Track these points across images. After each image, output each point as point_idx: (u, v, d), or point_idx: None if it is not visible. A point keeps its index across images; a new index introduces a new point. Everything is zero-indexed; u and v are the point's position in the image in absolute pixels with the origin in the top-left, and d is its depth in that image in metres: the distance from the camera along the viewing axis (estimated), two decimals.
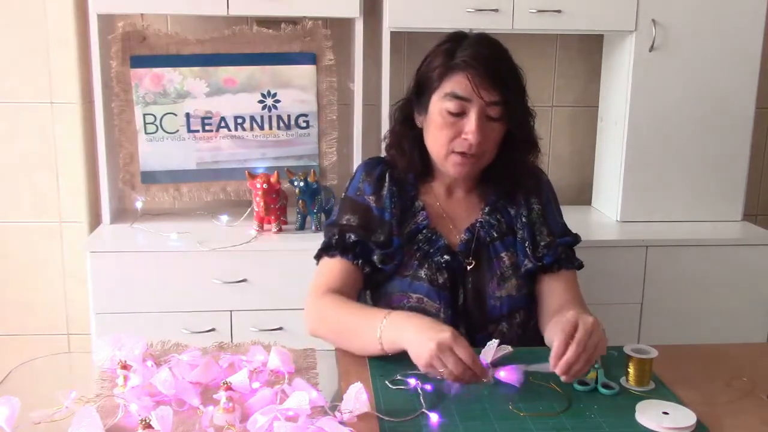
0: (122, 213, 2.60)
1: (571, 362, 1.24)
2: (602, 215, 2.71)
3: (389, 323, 1.35)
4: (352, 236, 1.55)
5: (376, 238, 1.56)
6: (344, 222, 1.59)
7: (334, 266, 1.55)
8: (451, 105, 1.50)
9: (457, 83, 1.50)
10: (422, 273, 1.56)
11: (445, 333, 1.25)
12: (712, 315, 2.46)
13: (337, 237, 1.56)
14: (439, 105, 1.52)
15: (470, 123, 1.49)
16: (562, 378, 1.26)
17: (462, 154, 1.52)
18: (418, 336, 1.28)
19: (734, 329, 2.46)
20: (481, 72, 1.47)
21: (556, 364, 1.25)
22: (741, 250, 2.45)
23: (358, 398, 1.19)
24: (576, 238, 1.65)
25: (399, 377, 1.32)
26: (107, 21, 2.41)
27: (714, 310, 2.46)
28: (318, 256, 1.60)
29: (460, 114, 1.50)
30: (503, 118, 1.51)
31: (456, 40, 1.54)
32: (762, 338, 2.48)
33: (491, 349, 1.32)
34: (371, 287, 1.61)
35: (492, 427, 1.19)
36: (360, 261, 1.54)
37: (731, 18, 2.45)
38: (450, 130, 1.51)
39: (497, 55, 1.52)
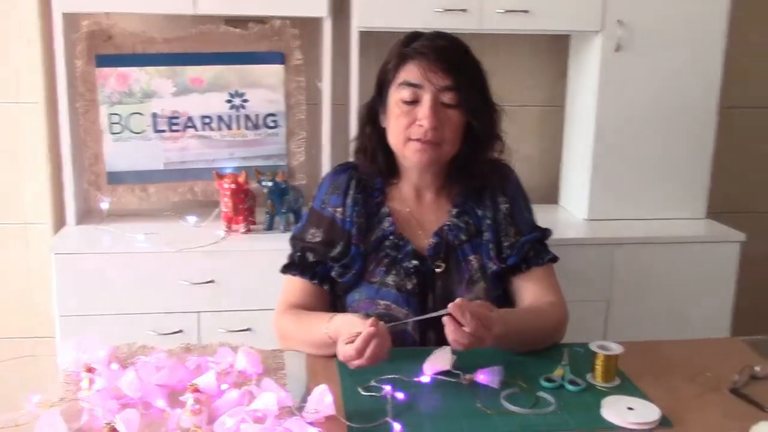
0: (88, 214, 2.56)
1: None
2: (569, 214, 2.74)
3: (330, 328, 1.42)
4: (311, 256, 1.60)
5: (335, 253, 1.58)
6: (308, 237, 1.62)
7: (296, 285, 1.61)
8: (405, 93, 1.52)
9: (409, 71, 1.52)
10: (389, 279, 1.56)
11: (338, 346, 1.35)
12: (678, 311, 2.49)
13: (299, 255, 1.61)
14: (395, 96, 1.54)
15: (423, 108, 1.51)
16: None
17: (419, 140, 1.53)
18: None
19: (699, 325, 2.49)
20: (431, 58, 1.50)
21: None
22: (705, 247, 2.49)
23: (321, 400, 1.19)
24: (544, 233, 1.65)
25: (374, 383, 1.31)
26: (72, 19, 2.37)
27: (679, 306, 2.50)
28: (283, 271, 1.63)
29: (415, 102, 1.52)
30: (459, 105, 1.52)
31: (413, 36, 1.57)
32: (726, 333, 2.51)
33: (441, 356, 1.34)
34: (339, 297, 1.62)
35: (460, 426, 1.19)
36: (318, 280, 1.59)
37: (695, 19, 2.49)
38: (406, 118, 1.53)
39: (450, 45, 1.54)
